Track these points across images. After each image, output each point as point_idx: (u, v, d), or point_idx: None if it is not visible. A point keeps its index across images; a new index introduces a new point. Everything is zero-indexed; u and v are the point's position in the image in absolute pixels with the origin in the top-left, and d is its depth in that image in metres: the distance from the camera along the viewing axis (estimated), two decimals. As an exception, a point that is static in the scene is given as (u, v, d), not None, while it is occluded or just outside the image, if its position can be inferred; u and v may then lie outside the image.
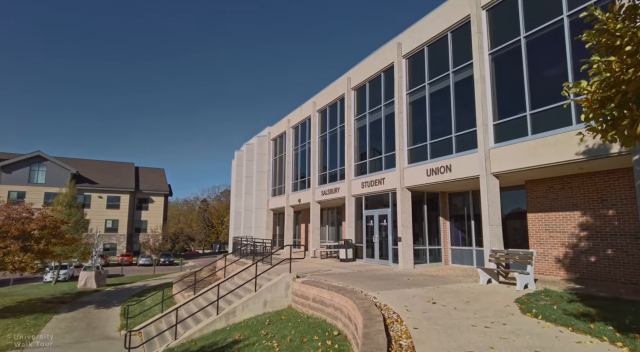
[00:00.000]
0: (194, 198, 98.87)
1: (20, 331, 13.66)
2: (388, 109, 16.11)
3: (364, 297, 8.04)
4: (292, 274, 11.59)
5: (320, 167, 21.27)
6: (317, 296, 9.71)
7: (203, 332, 10.47)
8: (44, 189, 48.94)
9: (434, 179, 13.27)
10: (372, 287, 9.53)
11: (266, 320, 9.98)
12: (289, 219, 24.37)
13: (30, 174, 49.51)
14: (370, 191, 16.54)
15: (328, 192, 19.82)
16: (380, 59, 16.61)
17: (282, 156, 26.33)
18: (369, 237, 16.79)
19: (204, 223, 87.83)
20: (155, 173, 63.07)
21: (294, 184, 24.31)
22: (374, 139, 17.00)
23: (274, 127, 27.86)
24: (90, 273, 25.90)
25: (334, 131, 20.06)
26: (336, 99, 19.87)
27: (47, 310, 17.39)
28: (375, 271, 13.29)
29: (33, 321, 15.10)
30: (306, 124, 23.25)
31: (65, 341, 12.51)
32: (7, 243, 15.39)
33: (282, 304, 11.21)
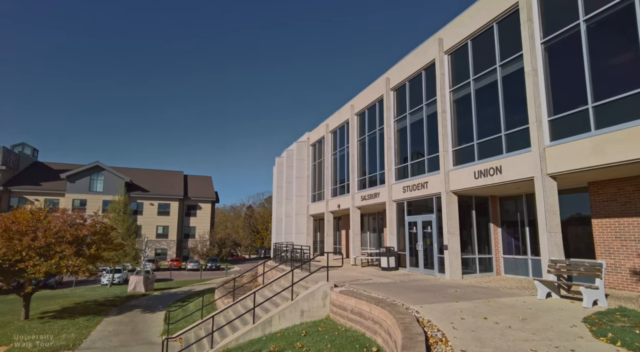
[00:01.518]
0: (240, 204, 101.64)
1: (74, 332, 14.28)
2: (430, 108, 15.25)
3: (405, 312, 7.37)
4: (329, 283, 11.10)
5: (359, 172, 20.68)
6: (356, 308, 9.14)
7: (239, 342, 10.23)
8: (102, 197, 52.24)
9: (482, 182, 12.25)
10: (415, 300, 8.80)
11: (302, 331, 9.55)
12: (329, 225, 23.92)
13: (90, 183, 53.13)
14: (412, 195, 15.70)
15: (368, 197, 19.16)
16: (421, 57, 15.82)
17: (321, 161, 26.02)
18: (413, 245, 15.92)
19: (250, 229, 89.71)
20: (202, 181, 65.36)
21: (333, 189, 23.87)
22: (415, 141, 16.18)
23: (313, 133, 27.66)
24: (140, 277, 26.97)
25: (373, 134, 19.42)
26: (375, 100, 19.24)
27: (99, 312, 18.18)
28: (419, 282, 12.46)
29: (85, 323, 15.78)
30: (344, 127, 22.79)
31: (111, 344, 12.85)
32: (63, 247, 16.24)
33: (319, 314, 10.74)
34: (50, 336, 13.71)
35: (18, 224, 16.11)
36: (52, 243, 16.08)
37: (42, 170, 55.62)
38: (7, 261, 15.25)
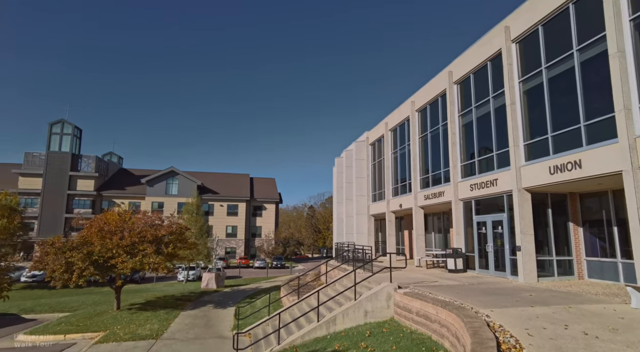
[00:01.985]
0: (302, 205, 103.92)
1: (156, 323, 15.63)
2: (497, 101, 14.36)
3: (473, 315, 7.03)
4: (393, 284, 10.94)
5: (422, 170, 20.07)
6: (421, 310, 8.91)
7: (305, 339, 10.48)
8: (177, 199, 56.53)
9: (558, 178, 11.26)
10: (485, 303, 8.35)
11: (367, 331, 9.53)
12: (391, 225, 23.53)
13: (167, 186, 57.76)
14: (480, 194, 14.89)
15: (432, 196, 18.53)
16: (486, 47, 14.95)
17: (381, 160, 25.69)
18: (482, 246, 15.09)
19: (312, 229, 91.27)
20: (266, 183, 67.90)
21: (394, 188, 23.44)
22: (482, 136, 15.33)
23: (372, 132, 27.41)
24: (212, 275, 28.73)
25: (436, 130, 18.74)
26: (437, 95, 18.56)
27: (176, 306, 19.70)
28: (489, 284, 11.79)
29: (165, 315, 17.19)
30: (405, 125, 22.27)
31: (188, 336, 13.87)
32: (145, 246, 17.86)
33: (383, 315, 10.63)
34: (137, 325, 15.17)
35: (109, 224, 18.04)
36: (136, 242, 17.75)
37: (127, 176, 61.71)
38: (102, 257, 17.14)
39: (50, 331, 15.01)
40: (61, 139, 54.28)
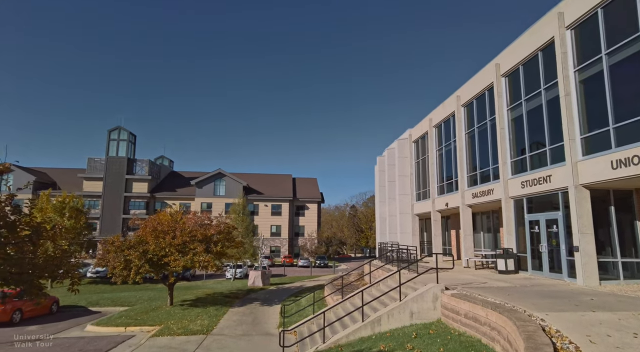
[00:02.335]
0: (343, 205, 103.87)
1: (206, 319, 16.32)
2: (550, 92, 13.50)
3: (527, 319, 6.68)
4: (440, 285, 10.64)
5: (469, 167, 19.33)
6: (470, 312, 8.60)
7: (349, 339, 10.48)
8: (224, 200, 58.64)
9: (622, 173, 10.38)
10: (540, 307, 7.89)
11: (412, 333, 9.35)
12: (436, 224, 22.87)
13: (214, 188, 60.11)
14: (532, 191, 14.09)
15: (480, 194, 17.80)
16: (536, 36, 14.11)
17: (424, 158, 25.06)
18: (535, 246, 14.27)
19: (354, 228, 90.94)
20: (308, 183, 68.63)
21: (440, 187, 22.76)
22: (534, 130, 14.49)
23: (415, 129, 26.81)
24: (258, 273, 29.50)
25: (483, 125, 17.97)
26: (483, 89, 17.80)
27: (225, 303, 20.44)
28: (543, 287, 11.13)
29: (215, 312, 17.90)
30: (450, 121, 21.56)
31: (236, 332, 14.35)
32: (195, 245, 18.69)
33: (429, 316, 10.37)
34: (189, 321, 15.92)
35: (162, 225, 19.07)
36: (187, 241, 18.63)
37: (177, 178, 64.98)
38: (156, 255, 18.18)
39: (113, 323, 16.16)
40: (118, 145, 58.23)
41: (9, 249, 6.07)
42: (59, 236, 7.22)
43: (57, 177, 61.44)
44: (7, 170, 6.51)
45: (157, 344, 12.93)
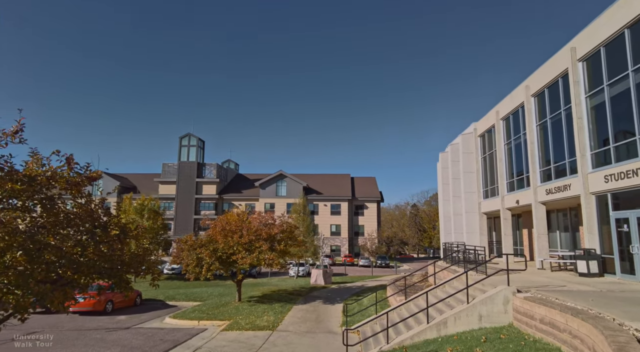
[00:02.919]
0: (404, 203, 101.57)
1: (272, 315, 16.93)
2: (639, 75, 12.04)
3: (617, 328, 6.03)
4: (511, 288, 10.00)
5: (541, 162, 17.90)
6: (546, 317, 7.98)
7: (414, 340, 10.24)
8: (285, 200, 60.36)
9: None
10: (632, 315, 7.08)
11: (482, 336, 8.89)
12: (506, 223, 21.47)
13: (276, 189, 62.12)
14: (619, 186, 12.67)
15: (555, 190, 16.40)
16: (622, 13, 12.65)
17: (492, 153, 23.65)
18: (624, 247, 12.82)
19: (416, 228, 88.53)
20: (367, 182, 68.17)
21: (509, 183, 21.34)
22: (619, 118, 13.03)
23: (480, 122, 25.41)
24: (319, 271, 29.92)
25: (557, 115, 16.53)
26: (556, 76, 16.37)
27: (289, 300, 21.04)
28: (636, 293, 9.96)
29: (280, 308, 18.49)
30: (518, 112, 20.12)
31: (300, 329, 14.70)
32: (260, 244, 19.47)
33: (500, 320, 9.79)
34: (256, 317, 16.63)
35: (229, 224, 20.14)
36: (253, 240, 19.47)
37: (242, 180, 68.20)
38: (225, 253, 19.25)
39: (187, 316, 17.41)
40: (188, 150, 62.53)
41: (102, 247, 6.85)
42: (141, 236, 7.96)
43: (136, 181, 67.54)
44: (99, 176, 7.34)
45: (227, 338, 13.68)
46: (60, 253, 6.33)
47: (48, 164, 6.75)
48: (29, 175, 6.31)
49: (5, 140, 6.28)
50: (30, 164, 6.63)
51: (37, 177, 6.37)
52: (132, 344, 13.01)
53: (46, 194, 6.57)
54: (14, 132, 6.38)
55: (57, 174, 6.69)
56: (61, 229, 6.74)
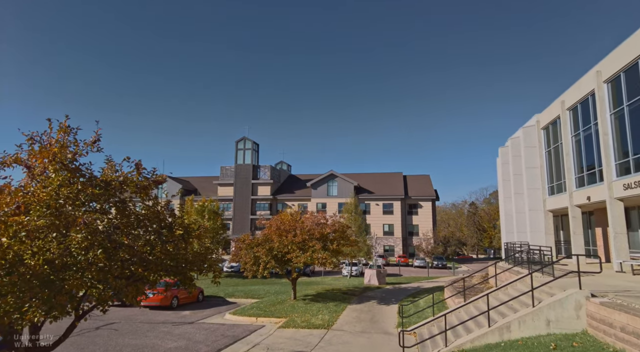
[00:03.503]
0: (461, 202, 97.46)
1: (327, 314, 17.09)
2: None
3: None
4: (583, 291, 9.24)
5: (617, 154, 16.28)
6: (629, 326, 7.27)
7: (474, 344, 9.83)
8: (337, 200, 60.59)
9: None
10: None
11: (550, 343, 8.31)
12: (575, 222, 19.79)
13: (327, 188, 62.56)
14: None
15: (634, 185, 14.84)
16: None
17: (557, 146, 21.94)
18: None
19: (475, 227, 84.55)
20: (421, 180, 66.34)
21: (578, 178, 19.66)
22: None
23: (544, 114, 23.68)
24: (373, 271, 29.65)
25: (635, 102, 14.96)
26: (634, 59, 14.81)
27: (343, 300, 21.09)
28: None
29: (334, 308, 18.61)
30: (588, 101, 18.47)
31: (355, 329, 14.69)
32: (313, 243, 19.73)
33: (571, 326, 9.08)
34: (311, 315, 16.88)
35: (284, 224, 20.64)
36: (306, 239, 19.79)
37: (295, 181, 69.58)
38: (280, 252, 19.77)
39: (246, 313, 18.12)
40: (244, 153, 65.03)
41: (168, 246, 7.38)
42: (203, 235, 8.45)
43: (197, 184, 71.48)
44: (164, 180, 7.94)
45: (283, 335, 14.04)
46: (133, 251, 6.91)
47: (120, 170, 7.43)
48: (105, 180, 7.00)
49: (86, 149, 7.02)
50: (106, 171, 7.35)
51: (111, 182, 7.05)
52: (195, 338, 13.82)
53: (119, 197, 7.22)
54: (92, 142, 7.11)
55: (128, 178, 7.35)
56: (132, 229, 7.35)
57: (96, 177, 7.04)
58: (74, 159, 6.87)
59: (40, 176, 6.77)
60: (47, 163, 6.65)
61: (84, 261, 6.27)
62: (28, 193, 6.25)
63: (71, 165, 6.76)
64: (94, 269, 6.32)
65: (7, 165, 6.78)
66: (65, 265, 6.18)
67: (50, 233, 6.09)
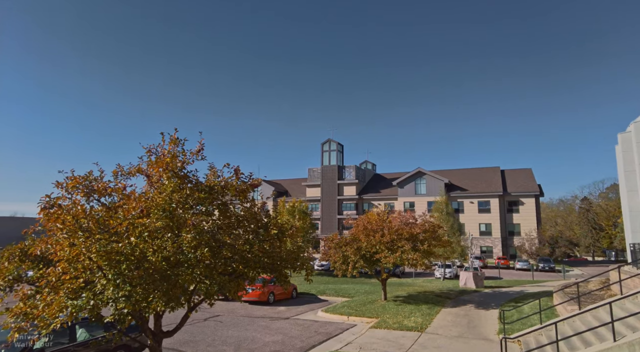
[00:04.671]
0: (571, 197, 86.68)
1: (420, 317, 16.57)
2: None
3: None
4: None
5: None
6: None
7: (595, 359, 8.65)
8: (425, 198, 58.38)
9: None
10: None
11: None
12: None
13: (415, 187, 60.63)
14: None
15: None
16: None
17: (699, 128, 18.19)
18: None
19: (589, 225, 74.37)
20: (521, 174, 60.56)
21: None
22: None
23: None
24: (469, 274, 27.90)
25: None
26: None
27: (437, 303, 20.23)
28: None
29: (428, 310, 17.95)
30: None
31: (451, 333, 13.98)
32: (402, 243, 19.29)
33: None
34: (403, 317, 16.52)
35: (371, 224, 20.57)
36: (394, 239, 19.44)
37: (380, 180, 68.88)
38: (368, 252, 19.75)
39: (337, 311, 18.45)
40: (329, 155, 66.47)
41: (264, 245, 7.91)
42: (295, 234, 8.87)
43: (287, 186, 75.02)
44: (259, 184, 8.56)
45: (375, 335, 13.98)
46: (234, 250, 7.56)
47: (221, 175, 8.20)
48: (209, 185, 7.79)
49: (192, 158, 7.89)
50: (210, 176, 8.19)
51: (214, 186, 7.82)
52: (291, 333, 14.51)
53: (222, 200, 7.97)
54: (197, 151, 7.97)
55: (229, 183, 8.08)
56: (233, 229, 8.04)
57: (201, 182, 7.89)
58: (183, 167, 7.77)
59: (157, 183, 7.78)
60: (161, 172, 7.63)
61: (193, 258, 7.03)
62: (148, 198, 7.23)
63: (180, 172, 7.65)
64: (202, 266, 7.05)
65: (132, 174, 7.94)
66: (179, 262, 7.00)
67: (166, 233, 6.97)
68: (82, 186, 7.14)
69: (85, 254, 6.15)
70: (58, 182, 7.05)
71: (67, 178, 7.12)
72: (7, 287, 7.30)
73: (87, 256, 6.15)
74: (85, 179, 7.23)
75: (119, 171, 7.90)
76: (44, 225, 6.74)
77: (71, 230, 6.38)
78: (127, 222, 6.55)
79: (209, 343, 12.90)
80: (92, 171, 7.47)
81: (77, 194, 7.12)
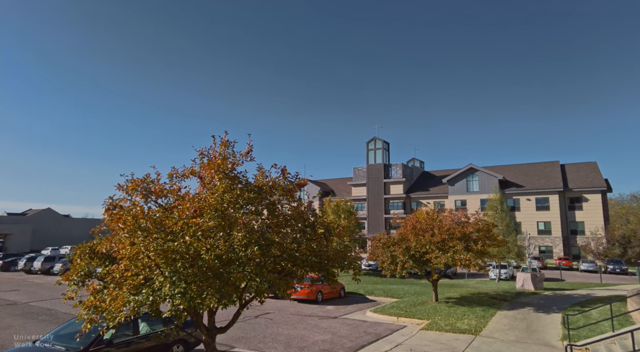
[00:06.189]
0: (645, 192, 78.52)
1: (474, 319, 15.88)
2: None
3: None
4: None
5: None
6: None
7: (678, 372, 7.77)
8: (478, 196, 55.88)
9: None
10: None
11: None
12: None
13: (467, 184, 58.23)
14: None
15: None
16: None
17: None
18: None
19: (668, 223, 67.00)
20: (585, 168, 56.13)
21: None
22: None
23: None
24: (527, 275, 26.30)
25: None
26: None
27: (492, 305, 19.27)
28: None
29: (482, 313, 17.16)
30: None
31: (508, 337, 13.25)
32: (454, 243, 18.58)
33: None
34: (455, 319, 15.91)
35: (420, 223, 20.04)
36: (445, 239, 18.78)
37: (429, 178, 66.92)
38: (417, 252, 19.25)
39: (387, 312, 18.16)
40: (375, 153, 65.70)
41: (312, 243, 7.96)
42: (342, 234, 8.85)
43: (333, 186, 75.23)
44: (305, 183, 8.66)
45: (426, 337, 13.58)
46: (283, 248, 7.69)
47: (269, 176, 8.40)
48: (258, 185, 8.01)
49: (242, 159, 8.15)
50: (258, 177, 8.42)
51: (263, 186, 8.02)
52: (340, 332, 14.49)
53: (270, 200, 8.15)
54: (246, 152, 8.23)
55: (276, 183, 8.26)
56: (281, 228, 8.18)
57: (250, 183, 8.13)
58: (233, 169, 8.05)
59: (209, 184, 8.12)
60: (213, 173, 7.94)
61: (244, 256, 7.23)
62: (201, 199, 7.56)
63: (231, 174, 7.93)
64: (252, 264, 7.24)
65: (186, 176, 8.34)
66: (230, 260, 7.23)
67: (218, 232, 7.24)
68: (141, 188, 7.63)
69: (144, 253, 6.55)
70: (119, 185, 7.61)
71: (127, 181, 7.65)
72: (80, 281, 7.98)
73: (145, 254, 6.55)
74: (143, 182, 7.72)
75: (174, 173, 8.33)
76: (108, 225, 7.28)
77: (131, 230, 6.83)
78: (182, 222, 6.88)
79: (260, 340, 13.23)
80: (149, 174, 7.96)
81: (136, 196, 7.63)
